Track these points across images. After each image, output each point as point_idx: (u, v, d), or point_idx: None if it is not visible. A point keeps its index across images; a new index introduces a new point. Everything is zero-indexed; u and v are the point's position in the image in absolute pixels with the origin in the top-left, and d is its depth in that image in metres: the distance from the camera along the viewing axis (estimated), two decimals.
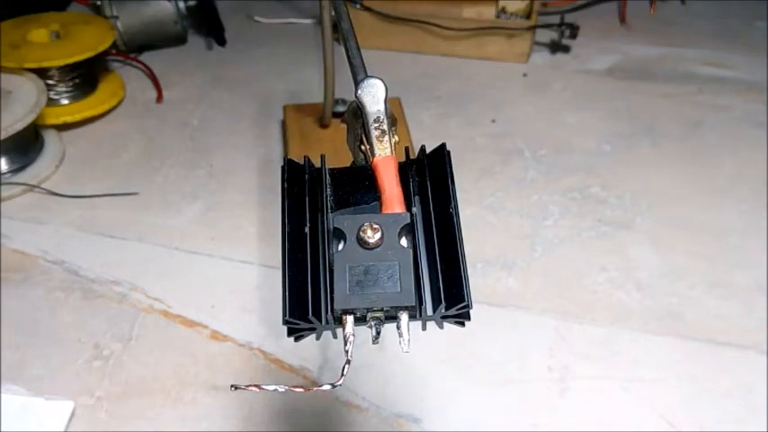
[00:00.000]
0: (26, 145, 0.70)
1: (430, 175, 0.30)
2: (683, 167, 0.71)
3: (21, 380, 0.51)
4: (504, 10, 0.86)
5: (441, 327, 0.27)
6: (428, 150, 0.31)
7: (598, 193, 0.68)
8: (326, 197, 0.30)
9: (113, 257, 0.61)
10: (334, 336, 0.27)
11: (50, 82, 0.74)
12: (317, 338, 0.27)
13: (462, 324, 0.27)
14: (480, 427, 0.48)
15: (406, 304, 0.25)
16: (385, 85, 0.31)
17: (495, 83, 0.84)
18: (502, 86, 0.84)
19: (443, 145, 0.31)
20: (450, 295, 0.26)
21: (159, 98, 0.81)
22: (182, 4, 0.87)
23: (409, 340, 0.25)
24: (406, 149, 0.32)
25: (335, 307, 0.25)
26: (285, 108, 0.74)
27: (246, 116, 0.78)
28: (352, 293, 0.25)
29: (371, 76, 0.32)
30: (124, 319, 0.55)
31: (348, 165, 0.35)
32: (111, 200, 0.67)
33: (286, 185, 0.29)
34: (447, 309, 0.26)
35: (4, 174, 0.68)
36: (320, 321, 0.26)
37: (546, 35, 0.88)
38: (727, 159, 0.72)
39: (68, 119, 0.75)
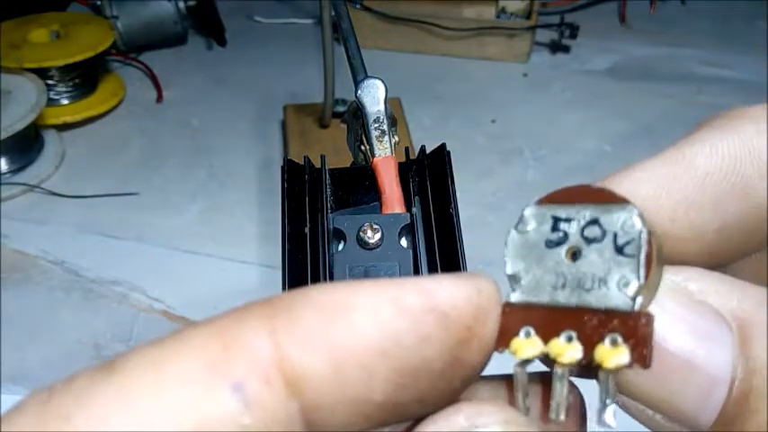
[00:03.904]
0: (26, 145, 0.70)
1: (430, 176, 0.30)
2: None
3: (21, 380, 0.51)
4: (504, 10, 0.86)
5: None
6: (428, 150, 0.31)
7: None
8: (326, 197, 0.30)
9: (113, 257, 0.61)
10: None
11: (50, 82, 0.74)
12: None
13: None
14: None
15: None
16: (385, 85, 0.31)
17: (495, 83, 0.84)
18: (502, 86, 0.84)
19: (443, 145, 0.31)
20: None
21: (159, 98, 0.81)
22: (182, 4, 0.87)
23: None
24: (406, 150, 0.32)
25: None
26: (285, 108, 0.74)
27: (246, 116, 0.78)
28: None
29: (371, 77, 0.32)
30: (124, 319, 0.55)
31: (348, 165, 0.35)
32: (111, 200, 0.67)
33: (286, 185, 0.29)
34: None
35: (4, 174, 0.68)
36: None
37: (546, 35, 0.88)
38: None
39: (68, 119, 0.74)
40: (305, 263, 0.27)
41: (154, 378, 0.12)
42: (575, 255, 0.14)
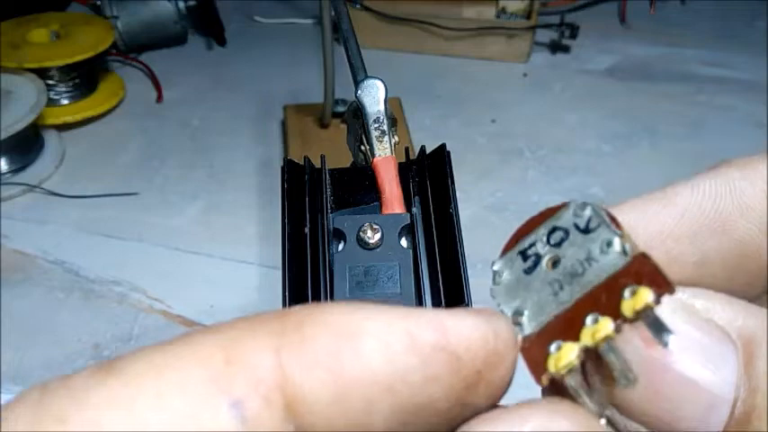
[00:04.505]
0: (26, 145, 0.70)
1: (430, 176, 0.30)
2: (683, 167, 0.71)
3: (21, 380, 0.51)
4: (504, 10, 0.86)
5: None
6: (428, 150, 0.31)
7: (598, 193, 0.68)
8: (326, 197, 0.30)
9: (113, 257, 0.61)
10: None
11: (50, 82, 0.74)
12: None
13: None
14: None
15: (407, 305, 0.25)
16: (385, 85, 0.31)
17: (495, 83, 0.84)
18: (502, 86, 0.84)
19: (443, 145, 0.31)
20: (450, 296, 0.26)
21: (159, 98, 0.81)
22: (182, 4, 0.87)
23: None
24: (406, 150, 0.32)
25: None
26: (285, 108, 0.74)
27: (246, 116, 0.78)
28: (353, 294, 0.25)
29: (371, 77, 0.32)
30: (124, 319, 0.55)
31: (348, 165, 0.35)
32: (111, 200, 0.67)
33: (286, 186, 0.29)
34: None
35: (4, 174, 0.68)
36: None
37: (546, 35, 0.88)
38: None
39: (68, 119, 0.74)
40: (305, 263, 0.27)
41: (154, 384, 0.12)
42: (555, 263, 0.14)
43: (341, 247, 0.26)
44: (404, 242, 0.27)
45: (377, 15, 0.86)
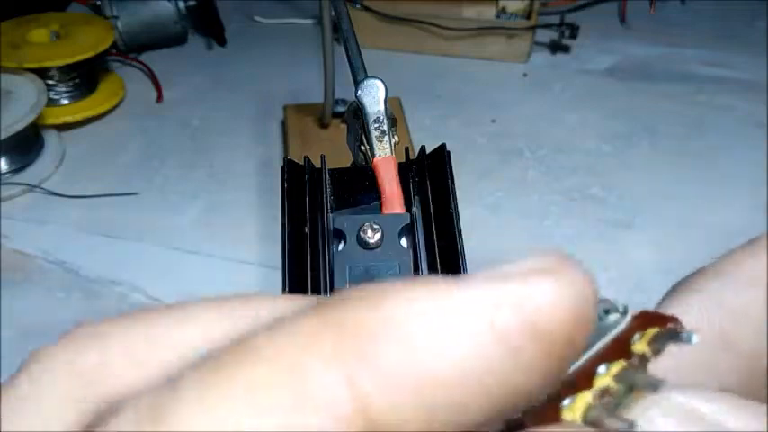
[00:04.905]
0: (26, 145, 0.70)
1: (430, 176, 0.30)
2: (683, 167, 0.71)
3: None
4: (504, 10, 0.86)
5: None
6: (428, 150, 0.31)
7: (598, 193, 0.68)
8: (326, 197, 0.30)
9: (113, 257, 0.61)
10: None
11: (50, 82, 0.74)
12: None
13: None
14: None
15: None
16: (385, 85, 0.31)
17: (495, 83, 0.84)
18: (502, 86, 0.84)
19: (443, 145, 0.31)
20: None
21: (159, 98, 0.81)
22: (182, 4, 0.87)
23: None
24: (406, 150, 0.32)
25: None
26: (285, 108, 0.74)
27: (246, 116, 0.78)
28: None
29: (371, 77, 0.32)
30: None
31: (348, 165, 0.35)
32: (111, 200, 0.67)
33: (286, 185, 0.29)
34: None
35: (4, 174, 0.68)
36: None
37: (546, 35, 0.88)
38: (728, 159, 0.72)
39: (68, 119, 0.74)
40: (305, 263, 0.27)
41: None
42: None
43: (341, 246, 0.26)
44: (404, 242, 0.27)
45: (377, 15, 0.86)
